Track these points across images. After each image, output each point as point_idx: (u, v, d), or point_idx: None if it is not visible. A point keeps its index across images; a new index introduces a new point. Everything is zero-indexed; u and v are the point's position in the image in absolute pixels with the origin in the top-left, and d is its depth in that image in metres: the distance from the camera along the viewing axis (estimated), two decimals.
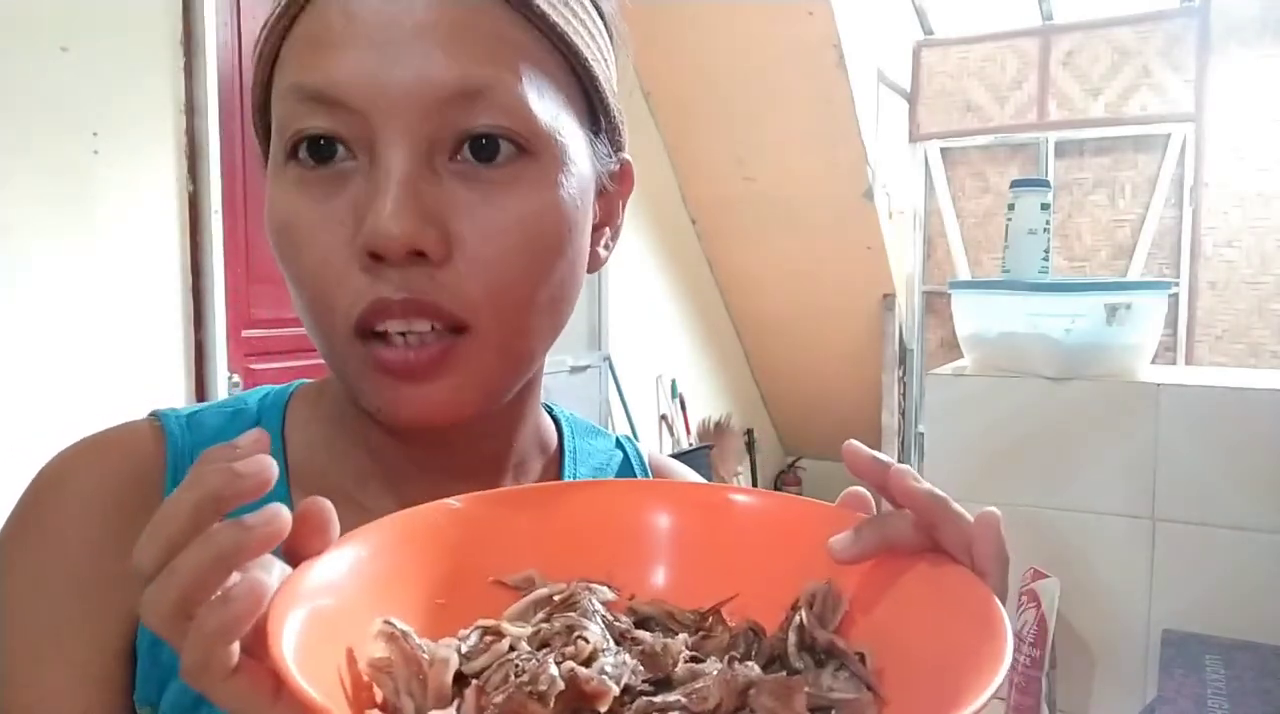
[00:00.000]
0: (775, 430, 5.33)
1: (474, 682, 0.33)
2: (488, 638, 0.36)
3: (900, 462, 0.39)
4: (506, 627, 0.36)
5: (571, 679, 0.32)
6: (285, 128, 0.43)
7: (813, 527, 0.41)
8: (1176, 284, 4.02)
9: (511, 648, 0.35)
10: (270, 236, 0.45)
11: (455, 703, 0.32)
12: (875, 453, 0.40)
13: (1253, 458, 1.27)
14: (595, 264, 0.53)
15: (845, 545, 0.39)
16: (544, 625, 0.37)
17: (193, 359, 2.28)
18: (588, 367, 3.73)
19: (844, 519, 0.41)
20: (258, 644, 0.30)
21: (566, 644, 0.35)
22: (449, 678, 0.33)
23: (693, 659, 0.37)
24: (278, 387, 0.56)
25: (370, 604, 0.35)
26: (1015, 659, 1.30)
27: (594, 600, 0.39)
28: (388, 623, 0.34)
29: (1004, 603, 0.35)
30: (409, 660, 0.33)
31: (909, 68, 4.53)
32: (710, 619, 0.40)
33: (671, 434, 4.36)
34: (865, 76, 3.96)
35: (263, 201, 0.46)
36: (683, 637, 0.38)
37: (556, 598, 0.39)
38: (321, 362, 0.48)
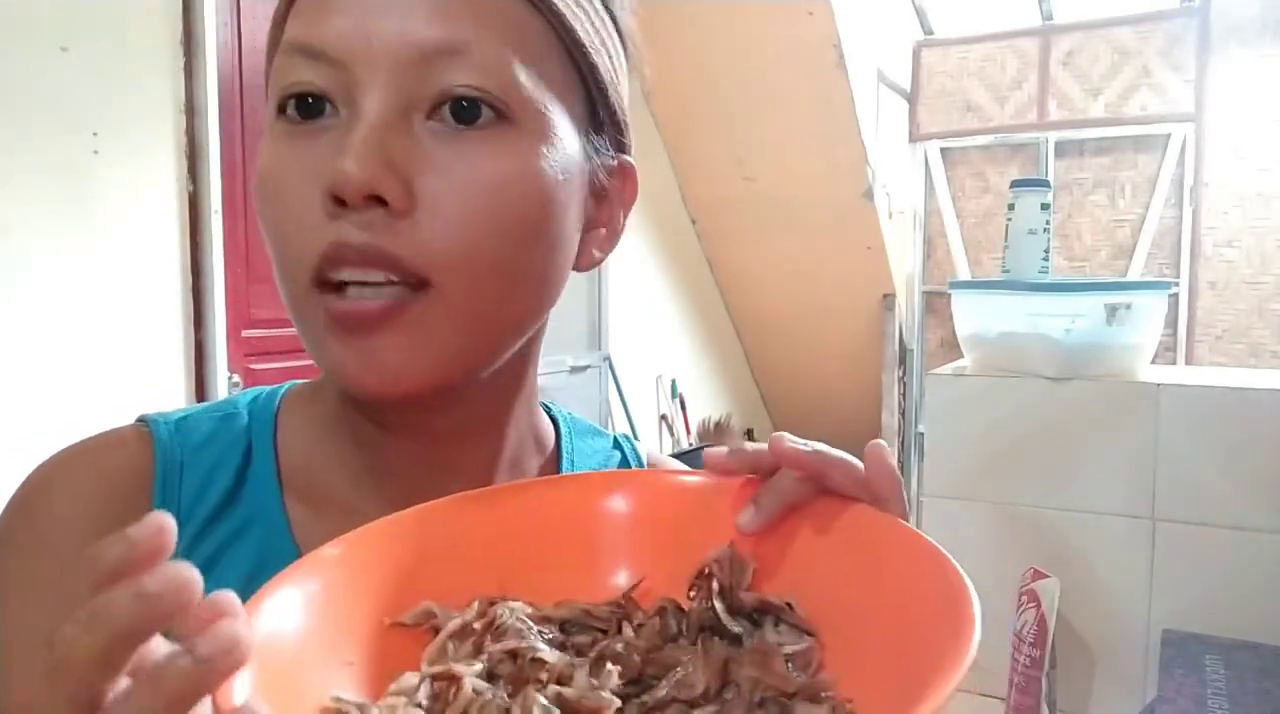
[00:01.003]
0: (775, 430, 5.32)
1: None
2: (439, 684, 0.33)
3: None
4: (458, 668, 0.34)
5: (564, 703, 0.31)
6: (276, 83, 0.44)
7: (693, 498, 0.43)
8: (1176, 284, 4.01)
9: (476, 690, 0.33)
10: (253, 190, 0.45)
11: None
12: (733, 448, 0.42)
13: (1253, 458, 1.27)
14: (586, 263, 0.52)
15: (750, 518, 0.41)
16: (483, 657, 0.35)
17: (193, 359, 2.28)
18: (588, 367, 3.73)
19: (719, 486, 0.43)
20: None
21: (522, 671, 0.34)
22: None
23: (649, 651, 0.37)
24: (269, 388, 0.55)
25: (310, 659, 0.33)
26: (1015, 659, 1.30)
27: (520, 618, 0.37)
28: (337, 699, 0.32)
29: (906, 521, 0.39)
30: None
31: (909, 68, 4.53)
32: (626, 606, 0.39)
33: (671, 434, 4.36)
34: (865, 76, 3.95)
35: None
36: (628, 630, 0.38)
37: (476, 625, 0.37)
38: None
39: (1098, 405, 1.38)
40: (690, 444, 4.31)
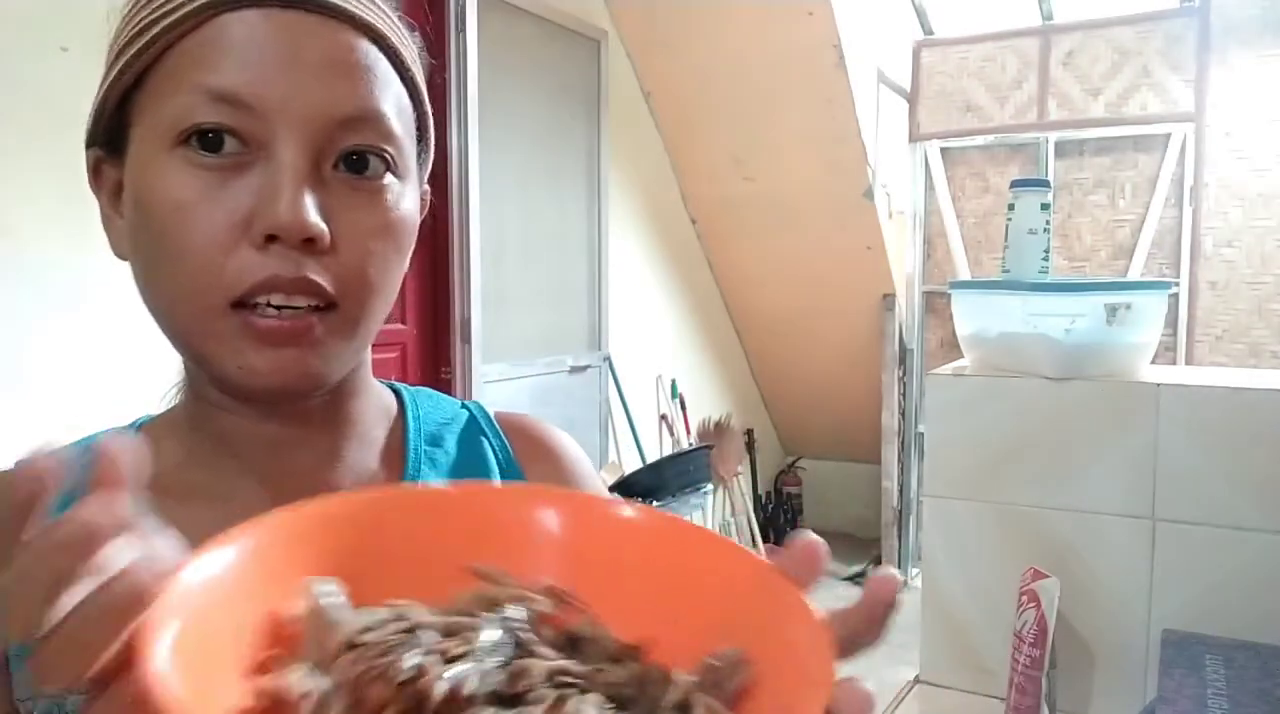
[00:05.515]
0: (775, 430, 5.33)
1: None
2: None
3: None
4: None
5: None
6: (182, 119, 0.49)
7: (722, 569, 0.36)
8: (1176, 284, 4.01)
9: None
10: (154, 214, 0.50)
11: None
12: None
13: (1253, 458, 1.27)
14: None
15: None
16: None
17: None
18: (588, 366, 3.73)
19: (764, 574, 0.35)
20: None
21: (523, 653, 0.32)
22: None
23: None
24: (118, 428, 0.61)
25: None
26: (1015, 659, 1.30)
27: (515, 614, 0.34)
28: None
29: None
30: None
31: (909, 68, 4.52)
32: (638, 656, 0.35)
33: (671, 434, 4.36)
34: (865, 76, 3.95)
35: None
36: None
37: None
38: None
39: (1098, 405, 1.38)
40: (690, 444, 4.31)
